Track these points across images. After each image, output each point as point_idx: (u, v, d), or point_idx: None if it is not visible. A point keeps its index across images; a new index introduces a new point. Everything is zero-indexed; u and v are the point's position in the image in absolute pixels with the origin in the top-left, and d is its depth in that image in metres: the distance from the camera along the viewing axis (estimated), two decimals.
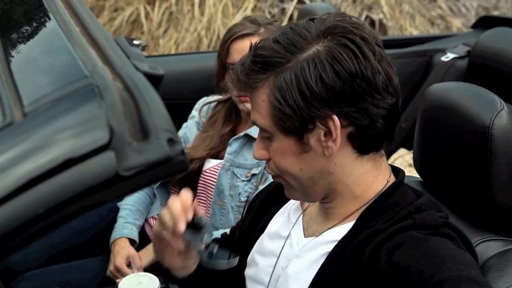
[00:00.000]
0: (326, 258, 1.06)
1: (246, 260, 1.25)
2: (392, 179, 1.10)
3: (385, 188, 1.08)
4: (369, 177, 1.07)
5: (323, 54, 0.99)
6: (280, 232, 1.19)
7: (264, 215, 1.27)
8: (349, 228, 1.06)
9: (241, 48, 1.78)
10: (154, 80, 0.70)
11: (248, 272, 1.24)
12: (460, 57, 2.64)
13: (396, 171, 1.13)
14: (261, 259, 1.20)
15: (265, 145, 1.08)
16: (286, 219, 1.20)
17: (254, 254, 1.23)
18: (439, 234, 1.01)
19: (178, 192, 1.94)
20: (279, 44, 1.02)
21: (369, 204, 1.07)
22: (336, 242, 1.06)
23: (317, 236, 1.11)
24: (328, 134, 1.01)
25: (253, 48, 1.05)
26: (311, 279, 1.06)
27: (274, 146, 1.06)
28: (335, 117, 0.99)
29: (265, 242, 1.22)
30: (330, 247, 1.07)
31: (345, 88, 0.98)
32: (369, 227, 1.03)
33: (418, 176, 1.35)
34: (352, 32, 1.00)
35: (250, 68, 1.03)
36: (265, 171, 1.80)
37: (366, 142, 1.04)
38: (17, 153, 0.63)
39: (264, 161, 1.78)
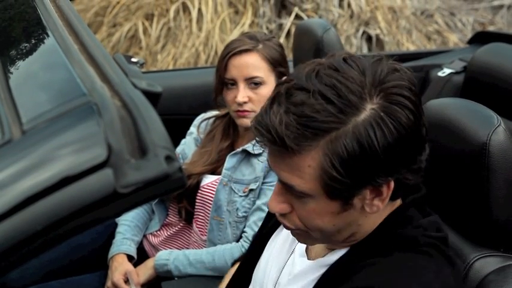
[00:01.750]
0: (318, 281, 1.05)
1: (258, 258, 1.23)
2: (399, 203, 1.05)
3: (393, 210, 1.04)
4: (385, 214, 1.03)
5: (384, 115, 0.89)
6: (288, 243, 1.17)
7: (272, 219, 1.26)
8: (344, 252, 1.04)
9: (239, 64, 1.79)
10: (153, 97, 0.70)
11: (255, 276, 1.23)
12: (457, 73, 2.65)
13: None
14: (267, 268, 1.20)
15: (285, 198, 0.98)
16: None
17: (262, 261, 1.22)
18: (418, 251, 0.97)
19: (176, 208, 1.95)
20: (331, 104, 0.89)
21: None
22: (327, 268, 1.04)
23: (314, 260, 1.09)
24: (375, 195, 0.94)
25: (292, 104, 0.90)
26: None
27: (310, 206, 0.96)
28: (391, 183, 0.93)
29: (274, 250, 1.20)
30: (321, 271, 1.05)
31: (405, 149, 0.91)
32: (363, 252, 1.01)
33: None
34: (405, 87, 0.92)
35: (298, 132, 0.89)
36: (263, 187, 1.80)
37: (406, 191, 0.99)
38: (15, 170, 0.63)
39: (261, 177, 1.79)
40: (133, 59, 0.82)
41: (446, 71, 2.66)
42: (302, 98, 0.90)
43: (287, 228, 1.04)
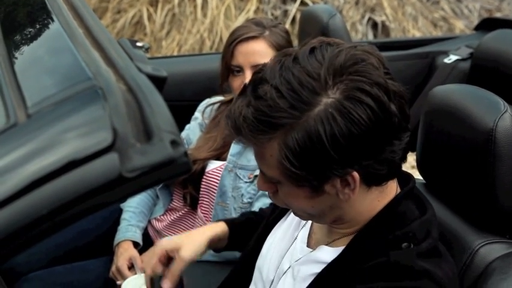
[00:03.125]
0: (313, 280, 1.06)
1: (261, 246, 1.25)
2: (397, 192, 1.06)
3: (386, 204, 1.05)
4: (373, 202, 1.04)
5: (335, 111, 0.89)
6: (291, 230, 1.20)
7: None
8: (340, 251, 1.05)
9: (246, 51, 1.78)
10: (158, 81, 0.70)
11: (258, 262, 1.25)
12: (463, 59, 2.63)
13: (405, 178, 1.09)
14: (269, 254, 1.21)
15: (269, 179, 1.02)
16: (298, 219, 1.20)
17: (264, 248, 1.24)
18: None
19: (180, 193, 1.96)
20: (284, 100, 0.90)
21: (364, 225, 1.05)
22: (325, 265, 1.05)
23: (314, 250, 1.11)
24: (345, 184, 0.96)
25: (254, 96, 0.93)
26: None
27: (284, 190, 1.00)
28: (355, 174, 0.94)
29: (277, 238, 1.22)
30: (319, 268, 1.06)
31: (362, 144, 0.91)
32: (356, 252, 1.02)
33: (421, 178, 1.35)
34: (364, 78, 0.91)
35: (253, 125, 0.92)
36: None
37: (381, 179, 1.00)
38: (20, 154, 0.63)
39: None
40: (138, 44, 0.82)
41: (452, 58, 2.65)
42: (264, 90, 0.92)
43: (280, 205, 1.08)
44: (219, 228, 1.40)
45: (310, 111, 0.90)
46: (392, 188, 1.06)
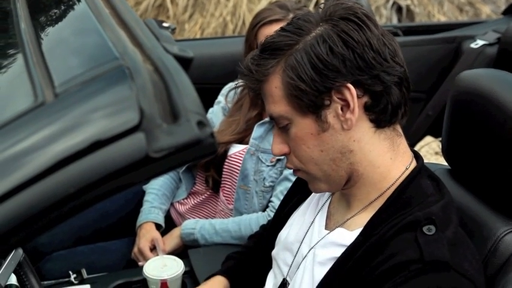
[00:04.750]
0: (333, 264, 1.06)
1: (275, 238, 1.26)
2: (414, 166, 1.09)
3: (402, 177, 1.07)
4: (386, 159, 1.07)
5: (330, 30, 1.03)
6: (307, 216, 1.20)
7: (298, 191, 1.28)
8: (358, 234, 1.06)
9: (270, 34, 1.77)
10: (184, 62, 0.70)
11: (274, 252, 1.25)
12: (490, 44, 2.60)
13: (416, 157, 1.12)
14: (286, 241, 1.21)
15: (283, 138, 1.09)
16: (315, 203, 1.21)
17: (281, 235, 1.24)
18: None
19: (203, 177, 1.96)
20: (285, 31, 1.06)
21: (382, 201, 1.06)
22: (345, 248, 1.06)
23: (333, 230, 1.11)
24: (345, 107, 1.03)
25: (261, 44, 1.08)
26: (319, 280, 1.07)
27: (293, 133, 1.06)
28: (350, 86, 1.01)
29: (294, 223, 1.23)
30: (339, 252, 1.06)
31: (355, 57, 1.01)
32: (374, 234, 1.02)
33: (446, 163, 1.33)
34: (354, 9, 1.05)
35: (260, 57, 1.06)
36: None
37: (382, 111, 1.04)
38: (48, 133, 0.64)
39: None
40: (164, 24, 0.82)
41: (479, 43, 2.61)
42: (269, 36, 1.09)
43: (294, 172, 1.13)
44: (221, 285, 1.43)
45: (308, 35, 1.04)
46: (406, 153, 1.09)
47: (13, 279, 1.20)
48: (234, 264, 1.46)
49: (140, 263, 1.82)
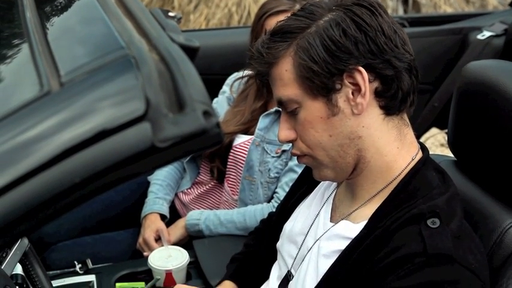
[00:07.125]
0: (338, 257, 1.06)
1: (280, 230, 1.26)
2: (419, 157, 1.09)
3: (408, 167, 1.07)
4: (393, 147, 1.06)
5: (343, 14, 1.03)
6: (312, 208, 1.20)
7: (304, 184, 1.27)
8: (362, 227, 1.05)
9: None
10: (190, 52, 0.69)
11: (279, 244, 1.25)
12: (497, 36, 2.58)
13: (422, 148, 1.12)
14: (291, 233, 1.21)
15: (290, 124, 1.09)
16: (320, 195, 1.20)
17: (286, 227, 1.24)
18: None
19: (208, 167, 1.96)
20: (297, 16, 1.06)
21: (387, 193, 1.06)
22: (350, 241, 1.05)
23: (338, 223, 1.11)
24: (356, 92, 1.03)
25: (271, 29, 1.09)
26: (324, 272, 1.07)
27: (302, 117, 1.06)
28: (362, 69, 1.01)
29: (299, 215, 1.22)
30: (343, 244, 1.06)
31: (367, 40, 1.02)
32: (379, 227, 1.02)
33: (451, 155, 1.33)
34: (363, 5, 1.05)
35: (271, 40, 1.06)
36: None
37: (392, 97, 1.04)
38: (54, 122, 0.63)
39: None
40: (170, 14, 0.81)
41: (486, 34, 2.60)
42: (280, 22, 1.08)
43: (298, 157, 1.11)
44: None
45: (321, 19, 1.04)
46: (413, 144, 1.09)
47: (19, 269, 1.21)
48: (239, 266, 1.45)
49: (145, 254, 1.83)
